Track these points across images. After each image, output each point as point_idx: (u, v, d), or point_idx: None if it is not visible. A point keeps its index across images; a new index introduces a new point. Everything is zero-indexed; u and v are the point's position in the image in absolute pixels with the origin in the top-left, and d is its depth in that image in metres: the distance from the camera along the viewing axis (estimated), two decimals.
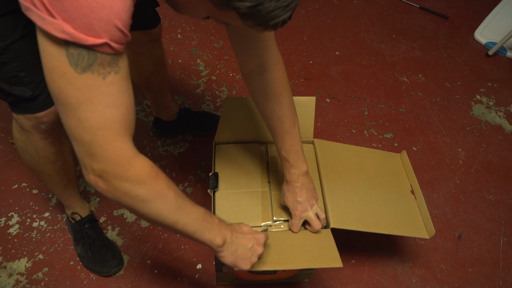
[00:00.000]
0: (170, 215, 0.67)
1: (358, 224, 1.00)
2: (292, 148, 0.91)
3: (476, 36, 2.07)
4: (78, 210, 1.21)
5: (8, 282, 1.16)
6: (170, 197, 0.66)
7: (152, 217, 0.66)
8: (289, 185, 0.94)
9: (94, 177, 0.61)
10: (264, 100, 0.89)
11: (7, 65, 0.77)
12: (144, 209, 0.65)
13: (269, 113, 0.90)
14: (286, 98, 0.89)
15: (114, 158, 0.60)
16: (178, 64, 1.81)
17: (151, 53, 1.23)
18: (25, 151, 0.97)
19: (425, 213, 1.07)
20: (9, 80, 0.79)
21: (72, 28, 0.50)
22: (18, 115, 0.88)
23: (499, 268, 1.26)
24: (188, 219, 0.69)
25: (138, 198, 0.63)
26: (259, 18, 0.52)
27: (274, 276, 1.13)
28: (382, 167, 1.17)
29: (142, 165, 0.63)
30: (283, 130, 0.90)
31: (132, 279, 1.18)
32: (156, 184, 0.65)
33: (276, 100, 0.88)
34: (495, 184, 1.47)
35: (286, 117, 0.89)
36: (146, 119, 1.59)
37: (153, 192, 0.64)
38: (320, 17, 2.13)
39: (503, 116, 1.71)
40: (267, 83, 0.87)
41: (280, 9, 0.52)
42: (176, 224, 0.68)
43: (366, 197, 1.07)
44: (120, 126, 0.59)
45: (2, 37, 0.73)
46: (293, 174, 0.93)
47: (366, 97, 1.75)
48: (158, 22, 1.18)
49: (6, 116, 1.56)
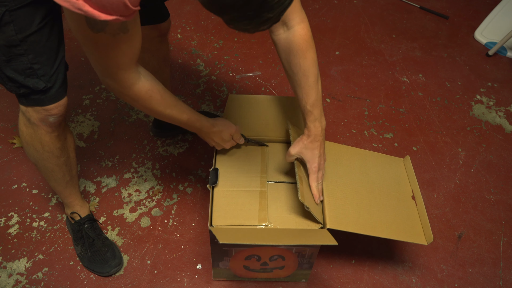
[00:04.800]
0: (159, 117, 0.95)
1: (356, 226, 0.99)
2: (317, 102, 0.96)
3: (476, 36, 2.07)
4: (78, 209, 1.21)
5: (8, 282, 1.16)
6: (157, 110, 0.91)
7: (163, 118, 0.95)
8: (311, 138, 0.97)
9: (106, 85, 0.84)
10: (290, 56, 0.93)
11: (23, 56, 0.80)
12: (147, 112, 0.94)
13: (295, 68, 0.94)
14: (311, 54, 0.93)
15: (120, 83, 0.81)
16: (178, 64, 1.81)
17: (157, 50, 1.24)
18: (31, 144, 0.98)
19: (424, 220, 1.06)
20: (23, 71, 0.82)
21: (88, 6, 0.58)
22: (27, 108, 0.90)
23: (499, 268, 1.26)
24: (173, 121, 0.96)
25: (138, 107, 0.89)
26: (236, 29, 0.60)
27: (271, 274, 1.14)
28: (384, 171, 1.17)
29: (139, 89, 0.84)
30: (308, 84, 0.94)
31: (132, 279, 1.18)
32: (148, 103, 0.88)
33: (302, 55, 0.92)
34: (495, 184, 1.47)
35: (311, 72, 0.93)
36: (146, 119, 1.59)
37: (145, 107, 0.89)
38: (320, 17, 2.13)
39: (503, 116, 1.71)
40: (293, 40, 0.92)
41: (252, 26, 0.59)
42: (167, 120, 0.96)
43: (366, 200, 1.07)
44: (126, 63, 0.78)
45: (20, 29, 0.76)
46: (318, 127, 0.97)
47: (366, 97, 1.75)
48: (167, 16, 1.19)
49: (6, 116, 1.56)
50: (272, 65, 1.84)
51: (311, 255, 1.05)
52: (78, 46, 1.84)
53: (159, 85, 0.88)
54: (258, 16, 0.56)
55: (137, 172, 1.43)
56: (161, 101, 0.89)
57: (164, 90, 0.89)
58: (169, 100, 0.91)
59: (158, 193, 1.37)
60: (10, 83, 0.84)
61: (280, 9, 0.57)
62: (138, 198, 1.36)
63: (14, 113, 1.58)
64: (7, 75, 0.82)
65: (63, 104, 0.91)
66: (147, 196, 1.36)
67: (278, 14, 0.58)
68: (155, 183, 1.40)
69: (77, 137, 1.51)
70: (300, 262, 1.08)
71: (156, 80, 0.88)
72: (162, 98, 0.89)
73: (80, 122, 1.56)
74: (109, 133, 1.54)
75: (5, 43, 0.77)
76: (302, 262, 1.08)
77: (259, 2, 0.54)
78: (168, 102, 0.91)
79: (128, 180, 1.40)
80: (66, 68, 0.90)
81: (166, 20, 1.19)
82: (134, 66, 0.80)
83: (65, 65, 0.90)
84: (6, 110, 1.59)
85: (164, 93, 0.89)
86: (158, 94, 0.87)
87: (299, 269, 1.11)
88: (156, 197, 1.36)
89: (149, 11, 1.12)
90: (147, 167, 1.44)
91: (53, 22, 0.82)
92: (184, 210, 1.33)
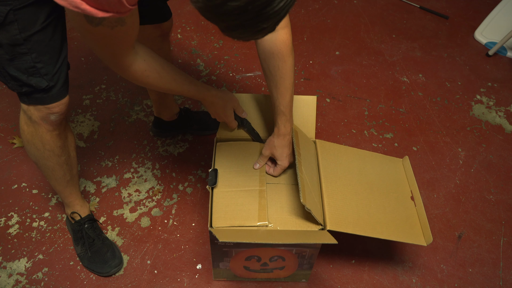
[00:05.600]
0: (157, 89, 0.97)
1: (355, 227, 0.99)
2: (290, 104, 1.02)
3: (476, 36, 2.07)
4: (78, 209, 1.21)
5: (8, 282, 1.16)
6: (158, 86, 0.93)
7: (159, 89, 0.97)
8: (281, 137, 1.04)
9: (111, 68, 0.85)
10: (271, 57, 0.97)
11: (26, 55, 0.80)
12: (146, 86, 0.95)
13: (273, 70, 0.98)
14: (291, 59, 0.98)
15: (117, 63, 0.83)
16: (178, 64, 1.81)
17: (159, 49, 1.24)
18: (31, 143, 0.98)
19: (423, 220, 1.06)
20: (26, 70, 0.82)
21: (85, 4, 0.59)
22: (28, 106, 0.90)
23: (499, 268, 1.26)
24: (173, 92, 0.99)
25: (141, 84, 0.92)
26: (231, 36, 0.61)
27: (271, 274, 1.13)
28: (384, 172, 1.17)
29: (136, 71, 0.86)
30: (284, 86, 0.99)
31: (132, 279, 1.18)
32: (146, 82, 0.90)
33: (282, 59, 0.97)
34: (495, 184, 1.47)
35: (288, 76, 0.99)
36: (146, 119, 1.59)
37: (143, 84, 0.91)
38: (320, 17, 2.13)
39: (503, 116, 1.71)
40: (276, 43, 0.95)
41: (247, 35, 0.60)
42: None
43: (365, 201, 1.07)
44: (123, 50, 0.81)
45: (23, 28, 0.77)
46: (288, 127, 1.04)
47: (366, 97, 1.75)
48: (170, 15, 1.20)
49: (6, 116, 1.56)
50: None
51: (311, 256, 1.05)
52: (78, 46, 1.84)
53: (156, 63, 0.89)
54: (254, 25, 0.57)
55: (137, 172, 1.43)
56: (158, 79, 0.90)
57: (161, 67, 0.90)
58: (168, 76, 0.93)
59: (158, 193, 1.37)
60: (12, 81, 0.84)
61: (276, 20, 0.57)
62: (138, 198, 1.36)
63: (14, 113, 1.58)
64: (10, 73, 0.82)
65: (65, 102, 0.92)
66: (147, 196, 1.36)
67: (273, 25, 0.58)
68: (155, 183, 1.40)
69: (77, 137, 1.51)
70: (300, 262, 1.08)
71: (154, 57, 0.89)
72: (160, 76, 0.90)
73: (80, 122, 1.56)
74: (109, 133, 1.54)
75: (8, 42, 0.78)
76: (302, 263, 1.08)
77: (255, 12, 0.54)
78: (166, 78, 0.92)
79: (128, 180, 1.40)
80: (68, 67, 0.91)
81: (168, 19, 1.19)
82: (131, 48, 0.82)
83: (67, 64, 0.90)
84: (6, 110, 1.59)
85: (162, 70, 0.90)
86: (155, 73, 0.89)
87: (299, 270, 1.11)
88: (156, 197, 1.36)
89: (152, 10, 1.12)
90: (147, 167, 1.44)
91: (57, 21, 0.82)
92: (184, 210, 1.33)
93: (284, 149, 1.05)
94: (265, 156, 1.08)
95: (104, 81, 1.71)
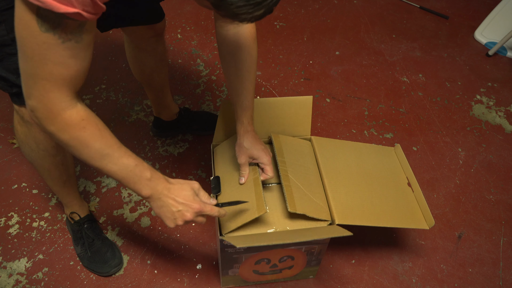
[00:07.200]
0: (94, 162, 0.74)
1: (362, 219, 1.01)
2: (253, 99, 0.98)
3: (476, 36, 2.07)
4: (77, 209, 1.21)
5: (8, 282, 1.16)
6: (93, 148, 0.72)
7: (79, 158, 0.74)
8: (248, 134, 0.99)
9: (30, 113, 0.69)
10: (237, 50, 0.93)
11: (15, 56, 0.79)
12: (70, 151, 0.73)
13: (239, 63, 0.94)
14: (255, 52, 0.95)
15: (47, 105, 0.66)
16: (178, 64, 1.81)
17: (154, 49, 1.24)
18: (26, 143, 0.98)
19: (423, 205, 1.08)
20: (15, 71, 0.80)
21: None
22: (20, 107, 0.90)
23: (499, 268, 1.26)
24: (113, 169, 0.75)
25: (62, 142, 0.71)
26: (228, 10, 0.54)
27: (280, 275, 1.14)
28: (379, 162, 1.19)
29: (71, 117, 0.69)
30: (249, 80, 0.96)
31: (132, 279, 1.18)
32: (79, 135, 0.70)
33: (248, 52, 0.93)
34: (495, 184, 1.47)
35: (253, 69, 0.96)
36: (146, 119, 1.59)
37: (75, 141, 0.71)
38: (320, 17, 2.13)
39: (503, 116, 1.71)
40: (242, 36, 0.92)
41: (250, 6, 0.53)
42: (102, 170, 0.75)
43: (367, 192, 1.08)
44: (63, 82, 0.65)
45: (11, 28, 0.76)
46: (251, 124, 0.99)
47: (366, 97, 1.75)
48: (163, 16, 1.19)
49: (6, 116, 1.56)
50: (272, 65, 1.84)
51: (319, 251, 1.06)
52: None
53: (100, 123, 0.73)
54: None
55: None
56: (98, 136, 0.72)
57: (105, 128, 0.74)
58: (111, 139, 0.74)
59: None
60: (2, 82, 0.84)
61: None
62: (138, 198, 1.36)
63: None
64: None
65: None
66: None
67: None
68: None
69: None
70: (309, 259, 1.09)
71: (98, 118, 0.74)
72: (100, 133, 0.72)
73: None
74: None
75: None
76: (310, 260, 1.09)
77: None
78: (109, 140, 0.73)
79: None
80: None
81: (161, 20, 1.19)
82: (72, 91, 0.68)
83: None
84: (6, 110, 1.59)
85: (105, 130, 0.73)
86: (95, 127, 0.72)
87: (307, 267, 1.12)
88: None
89: (145, 11, 1.12)
90: None
91: None
92: None
93: (257, 145, 0.99)
94: (244, 164, 1.00)
95: (104, 81, 1.71)
